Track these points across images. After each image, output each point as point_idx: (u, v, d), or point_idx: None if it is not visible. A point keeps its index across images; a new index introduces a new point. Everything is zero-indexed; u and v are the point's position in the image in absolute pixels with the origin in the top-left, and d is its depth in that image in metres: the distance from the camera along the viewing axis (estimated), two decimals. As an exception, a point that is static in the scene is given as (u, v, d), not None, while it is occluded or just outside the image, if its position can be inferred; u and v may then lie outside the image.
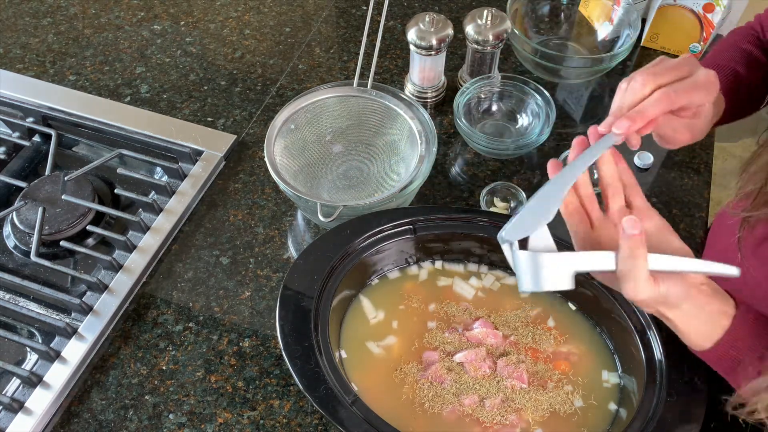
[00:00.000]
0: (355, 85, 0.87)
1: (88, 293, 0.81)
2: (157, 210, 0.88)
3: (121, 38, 1.12)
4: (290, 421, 0.72)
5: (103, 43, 1.12)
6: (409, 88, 1.01)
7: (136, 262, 0.83)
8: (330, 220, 0.74)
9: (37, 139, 0.98)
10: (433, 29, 0.91)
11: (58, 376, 0.74)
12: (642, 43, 1.10)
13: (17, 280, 0.81)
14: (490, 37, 0.94)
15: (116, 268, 0.82)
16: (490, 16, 0.94)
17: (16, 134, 0.98)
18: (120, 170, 0.90)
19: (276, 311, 0.68)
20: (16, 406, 0.71)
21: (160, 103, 1.02)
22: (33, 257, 0.81)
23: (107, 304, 0.79)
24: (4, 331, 0.76)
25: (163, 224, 0.86)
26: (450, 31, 0.93)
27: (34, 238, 0.83)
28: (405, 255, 0.79)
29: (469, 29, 0.94)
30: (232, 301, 0.81)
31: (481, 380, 0.70)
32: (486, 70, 1.00)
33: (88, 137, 0.99)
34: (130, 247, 0.84)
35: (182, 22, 1.15)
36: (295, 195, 0.77)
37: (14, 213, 0.86)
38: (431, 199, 0.91)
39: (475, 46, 0.96)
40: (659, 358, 0.67)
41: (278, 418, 0.72)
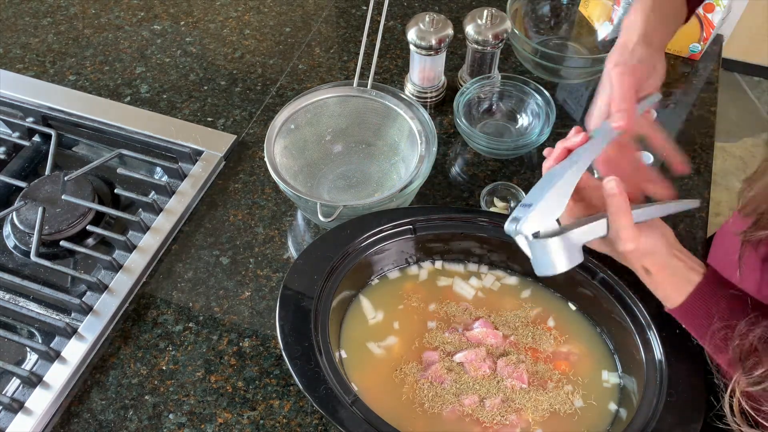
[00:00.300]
0: (355, 85, 0.87)
1: (88, 293, 0.81)
2: (157, 210, 0.88)
3: (121, 38, 1.12)
4: (290, 421, 0.72)
5: (103, 43, 1.12)
6: (409, 88, 1.01)
7: (136, 262, 0.83)
8: (330, 220, 0.74)
9: (37, 139, 0.98)
10: (433, 29, 0.91)
11: (58, 376, 0.74)
12: (642, 43, 1.09)
13: (17, 280, 0.81)
14: (490, 37, 0.94)
15: (116, 268, 0.82)
16: (490, 16, 0.94)
17: (16, 134, 0.98)
18: (120, 170, 0.90)
19: (276, 311, 0.68)
20: (16, 406, 0.71)
21: (160, 103, 1.02)
22: (33, 257, 0.81)
23: (107, 304, 0.79)
24: (4, 331, 0.76)
25: (163, 224, 0.86)
26: (450, 31, 0.93)
27: (34, 238, 0.83)
28: (405, 255, 0.79)
29: (469, 29, 0.94)
30: (232, 301, 0.81)
31: (481, 380, 0.70)
32: (486, 70, 1.00)
33: (88, 137, 0.99)
34: (130, 247, 0.84)
35: (182, 22, 1.15)
36: (295, 195, 0.77)
37: (14, 213, 0.86)
38: (431, 199, 0.91)
39: (475, 46, 0.96)
40: (659, 358, 0.67)
41: (278, 418, 0.72)
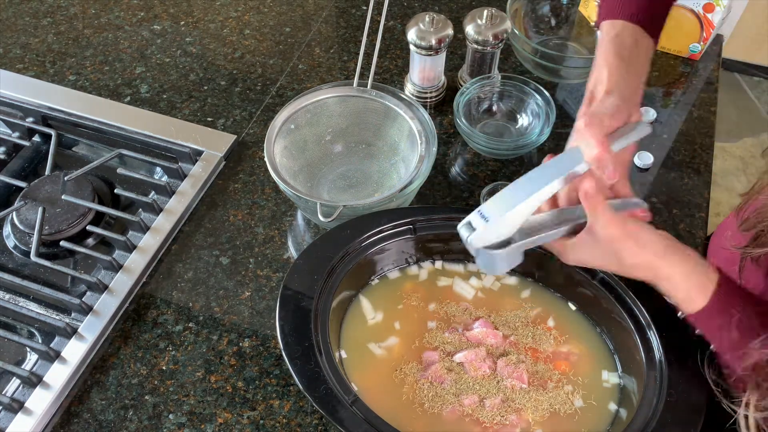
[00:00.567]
0: (355, 85, 0.87)
1: (88, 293, 0.81)
2: (157, 210, 0.88)
3: (121, 38, 1.12)
4: (290, 421, 0.72)
5: (103, 43, 1.12)
6: (409, 88, 1.01)
7: (136, 262, 0.83)
8: (330, 220, 0.74)
9: (37, 139, 0.98)
10: (433, 29, 0.91)
11: (58, 376, 0.74)
12: (642, 43, 1.09)
13: (17, 280, 0.81)
14: (490, 37, 0.94)
15: (116, 268, 0.82)
16: (490, 16, 0.94)
17: (16, 134, 0.98)
18: (120, 170, 0.90)
19: (276, 311, 0.68)
20: (16, 406, 0.71)
21: (160, 103, 1.02)
22: (33, 257, 0.81)
23: (107, 304, 0.79)
24: (4, 331, 0.76)
25: (163, 224, 0.86)
26: (450, 31, 0.93)
27: (34, 238, 0.83)
28: (405, 255, 0.79)
29: (469, 29, 0.94)
30: (232, 301, 0.81)
31: (481, 380, 0.70)
32: (486, 70, 1.00)
33: (88, 137, 0.99)
34: (130, 247, 0.84)
35: (182, 22, 1.15)
36: (295, 195, 0.77)
37: (14, 213, 0.86)
38: (431, 199, 0.91)
39: (475, 46, 0.96)
40: (659, 358, 0.67)
41: (278, 418, 0.72)
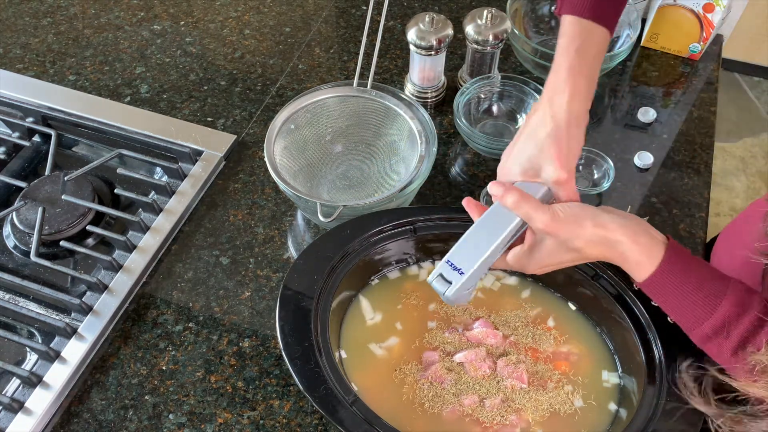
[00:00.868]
0: (355, 85, 0.87)
1: (88, 293, 0.81)
2: (157, 210, 0.88)
3: (121, 38, 1.12)
4: (290, 421, 0.72)
5: (103, 43, 1.12)
6: (409, 88, 1.01)
7: (136, 262, 0.83)
8: (330, 220, 0.74)
9: (37, 139, 0.98)
10: (433, 29, 0.91)
11: (58, 376, 0.74)
12: (642, 43, 1.10)
13: (17, 280, 0.81)
14: (490, 37, 0.94)
15: (116, 268, 0.82)
16: (490, 16, 0.94)
17: (16, 134, 0.98)
18: (120, 170, 0.90)
19: (276, 311, 0.68)
20: (16, 406, 0.71)
21: (160, 103, 1.02)
22: (33, 257, 0.81)
23: (107, 304, 0.79)
24: (4, 331, 0.76)
25: (163, 224, 0.86)
26: (450, 31, 0.93)
27: (34, 238, 0.83)
28: (405, 255, 0.79)
29: (469, 29, 0.94)
30: (232, 301, 0.81)
31: (481, 380, 0.70)
32: (486, 70, 1.00)
33: (88, 137, 0.99)
34: (130, 247, 0.84)
35: (182, 22, 1.15)
36: (295, 195, 0.77)
37: (14, 213, 0.86)
38: (431, 199, 0.91)
39: (475, 46, 0.96)
40: (659, 358, 0.67)
41: (278, 418, 0.72)
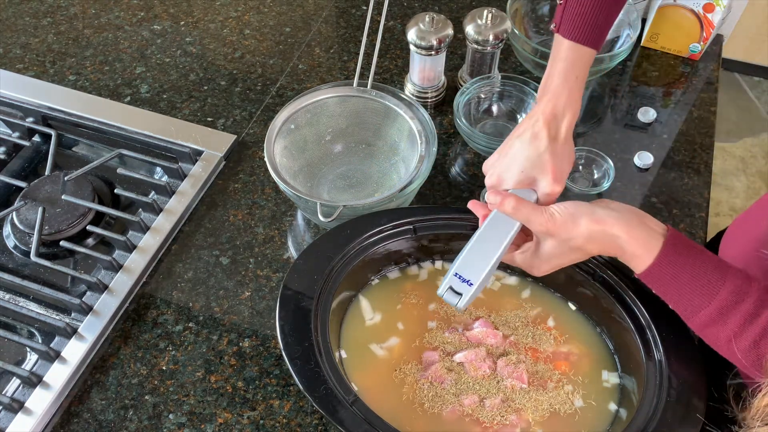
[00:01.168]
0: (355, 85, 0.87)
1: (88, 293, 0.81)
2: (157, 210, 0.88)
3: (121, 38, 1.12)
4: (290, 421, 0.72)
5: (103, 43, 1.12)
6: (409, 88, 1.01)
7: (136, 262, 0.83)
8: (330, 220, 0.74)
9: (37, 139, 0.98)
10: (433, 29, 0.91)
11: (58, 376, 0.74)
12: (642, 43, 1.10)
13: (17, 280, 0.81)
14: (490, 37, 0.94)
15: (116, 268, 0.82)
16: (490, 16, 0.94)
17: (16, 134, 0.98)
18: (120, 170, 0.90)
19: (276, 311, 0.68)
20: (16, 406, 0.71)
21: (160, 103, 1.02)
22: (33, 257, 0.81)
23: (107, 304, 0.79)
24: (4, 331, 0.76)
25: (163, 224, 0.86)
26: (450, 31, 0.93)
27: (34, 238, 0.83)
28: (405, 255, 0.79)
29: (469, 29, 0.94)
30: (232, 301, 0.81)
31: (481, 380, 0.70)
32: (486, 70, 1.00)
33: (88, 137, 0.99)
34: (130, 247, 0.84)
35: (182, 22, 1.15)
36: (295, 195, 0.77)
37: (14, 213, 0.86)
38: (431, 199, 0.91)
39: (475, 46, 0.96)
40: (659, 358, 0.67)
41: (278, 418, 0.72)
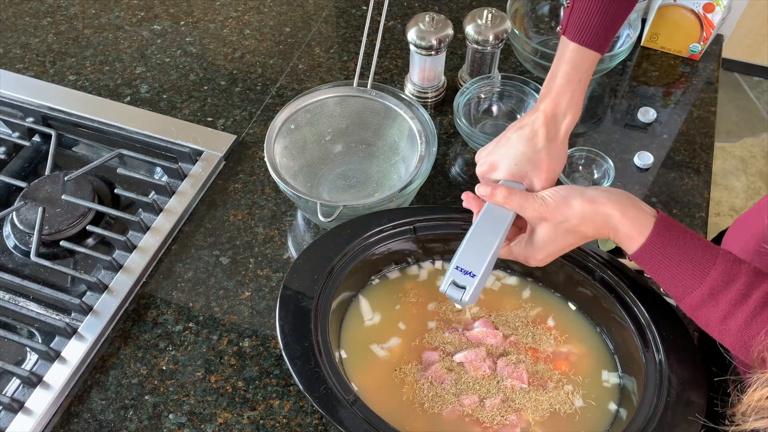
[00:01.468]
0: (355, 85, 0.87)
1: (88, 293, 0.81)
2: (157, 210, 0.88)
3: (121, 38, 1.12)
4: (290, 421, 0.72)
5: (103, 43, 1.12)
6: (409, 88, 1.01)
7: (136, 262, 0.83)
8: (330, 220, 0.75)
9: (37, 139, 0.98)
10: (433, 29, 0.91)
11: (58, 376, 0.74)
12: (642, 43, 1.10)
13: (17, 280, 0.81)
14: (490, 37, 0.94)
15: (116, 268, 0.82)
16: (490, 16, 0.94)
17: (16, 134, 0.98)
18: (120, 170, 0.90)
19: (276, 311, 0.68)
20: (16, 406, 0.71)
21: (160, 103, 1.02)
22: (33, 257, 0.81)
23: (107, 304, 0.79)
24: (4, 331, 0.76)
25: (163, 224, 0.86)
26: (450, 31, 0.93)
27: (34, 238, 0.83)
28: (405, 255, 0.79)
29: (469, 29, 0.94)
30: (232, 301, 0.81)
31: (481, 380, 0.70)
32: (486, 70, 1.00)
33: (88, 137, 0.99)
34: (130, 247, 0.84)
35: (182, 22, 1.15)
36: (295, 195, 0.77)
37: (14, 213, 0.86)
38: (431, 199, 0.91)
39: (475, 46, 0.96)
40: (659, 358, 0.67)
41: (278, 418, 0.72)
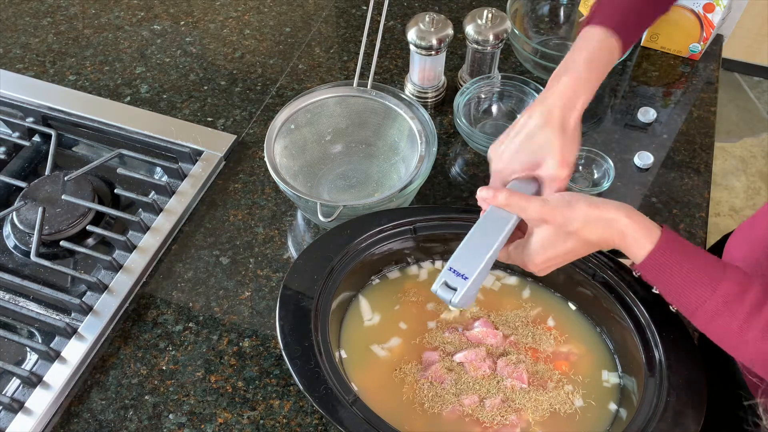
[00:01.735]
0: (355, 85, 0.87)
1: (88, 293, 0.81)
2: (157, 210, 0.88)
3: (121, 38, 1.12)
4: (290, 421, 0.72)
5: (103, 43, 1.12)
6: (409, 88, 1.01)
7: (136, 262, 0.83)
8: (330, 220, 0.75)
9: (37, 139, 0.98)
10: (433, 29, 0.91)
11: (58, 376, 0.74)
12: (642, 43, 1.10)
13: (17, 280, 0.81)
14: (490, 37, 0.94)
15: (116, 268, 0.82)
16: (490, 16, 0.94)
17: (16, 134, 0.98)
18: (120, 170, 0.90)
19: (276, 311, 0.68)
20: (16, 406, 0.71)
21: (160, 103, 1.02)
22: (33, 257, 0.81)
23: (107, 304, 0.79)
24: (4, 331, 0.76)
25: (163, 224, 0.86)
26: (450, 31, 0.93)
27: (34, 238, 0.83)
28: (405, 255, 0.79)
29: (469, 29, 0.94)
30: (232, 301, 0.81)
31: (481, 380, 0.70)
32: (486, 70, 1.00)
33: (88, 137, 0.99)
34: (130, 247, 0.84)
35: (182, 22, 1.15)
36: (295, 195, 0.78)
37: (14, 213, 0.86)
38: (431, 199, 0.91)
39: (475, 46, 0.96)
40: (659, 358, 0.67)
41: (278, 418, 0.72)
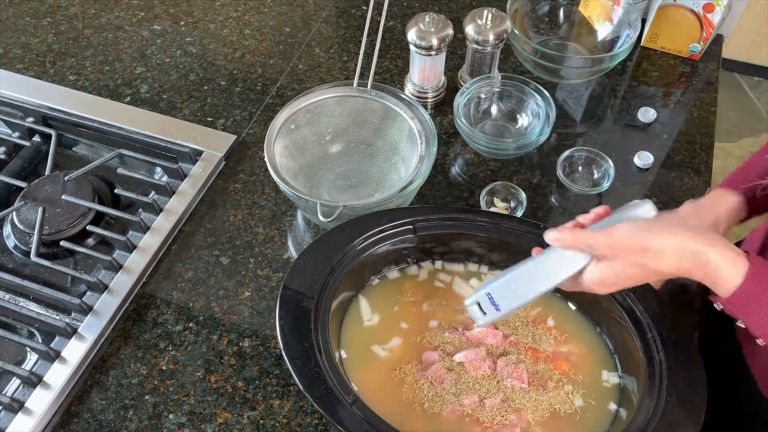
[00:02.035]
0: (355, 85, 0.87)
1: (88, 293, 0.81)
2: (157, 210, 0.88)
3: (121, 38, 1.12)
4: (290, 421, 0.72)
5: (103, 43, 1.12)
6: (409, 88, 1.01)
7: (136, 262, 0.83)
8: (330, 220, 0.75)
9: (37, 139, 0.98)
10: (433, 29, 0.91)
11: (58, 376, 0.74)
12: (642, 43, 1.10)
13: (17, 280, 0.81)
14: (490, 37, 0.94)
15: (116, 268, 0.82)
16: (490, 16, 0.94)
17: (16, 134, 0.98)
18: (120, 170, 0.90)
19: (276, 311, 0.68)
20: (16, 406, 0.71)
21: (160, 103, 1.02)
22: (33, 257, 0.81)
23: (107, 304, 0.79)
24: (4, 331, 0.76)
25: (163, 224, 0.86)
26: (450, 31, 0.93)
27: (34, 238, 0.83)
28: (405, 255, 0.79)
29: (469, 29, 0.94)
30: (232, 301, 0.81)
31: (481, 380, 0.70)
32: (486, 70, 1.00)
33: (88, 137, 0.99)
34: (130, 247, 0.84)
35: (182, 22, 1.15)
36: (295, 195, 0.77)
37: (14, 213, 0.86)
38: (431, 199, 0.91)
39: (475, 46, 0.96)
40: (659, 358, 0.67)
41: (278, 418, 0.72)
